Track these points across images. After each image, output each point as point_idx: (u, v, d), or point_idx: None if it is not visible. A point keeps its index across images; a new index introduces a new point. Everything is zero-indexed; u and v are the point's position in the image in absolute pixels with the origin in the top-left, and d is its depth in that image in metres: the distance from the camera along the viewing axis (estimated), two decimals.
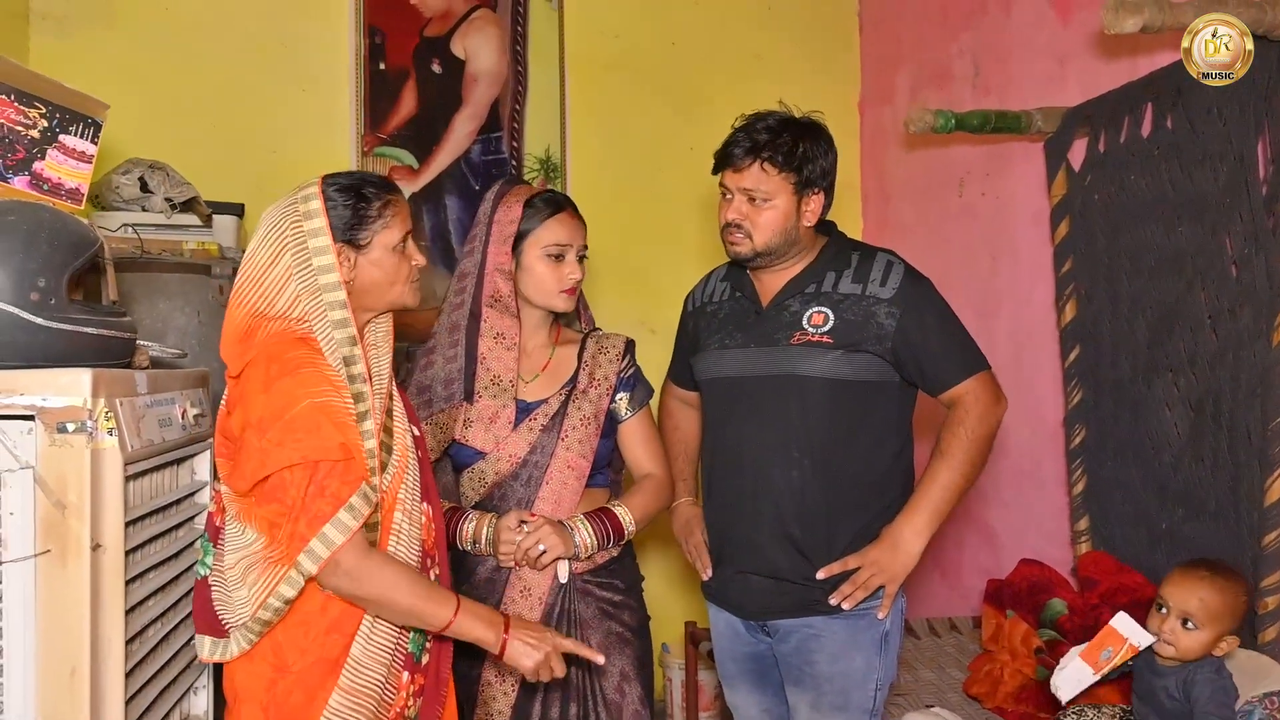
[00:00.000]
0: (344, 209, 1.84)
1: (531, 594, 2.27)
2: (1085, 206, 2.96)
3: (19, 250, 1.68)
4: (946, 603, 3.71)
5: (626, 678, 2.30)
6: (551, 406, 2.33)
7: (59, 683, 1.61)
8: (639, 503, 2.35)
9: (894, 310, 2.20)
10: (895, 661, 2.31)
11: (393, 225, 1.89)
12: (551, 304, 2.35)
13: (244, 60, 3.96)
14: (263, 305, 1.79)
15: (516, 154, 4.20)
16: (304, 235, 1.81)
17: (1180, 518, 2.62)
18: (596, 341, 2.43)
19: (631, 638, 2.34)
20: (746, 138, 2.21)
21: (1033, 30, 3.25)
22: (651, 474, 2.41)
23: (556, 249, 2.31)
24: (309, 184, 1.87)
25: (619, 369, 2.39)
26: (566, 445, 2.31)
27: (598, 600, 2.32)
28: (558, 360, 2.40)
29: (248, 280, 1.81)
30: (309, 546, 1.67)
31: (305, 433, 1.69)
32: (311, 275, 1.80)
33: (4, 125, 1.97)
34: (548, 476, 2.30)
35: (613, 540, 2.29)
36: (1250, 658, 2.24)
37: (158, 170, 3.10)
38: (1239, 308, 2.41)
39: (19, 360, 1.67)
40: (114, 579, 1.67)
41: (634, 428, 2.41)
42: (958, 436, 2.21)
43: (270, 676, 1.76)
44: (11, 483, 1.60)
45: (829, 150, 2.26)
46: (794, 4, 4.43)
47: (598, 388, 2.36)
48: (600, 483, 2.41)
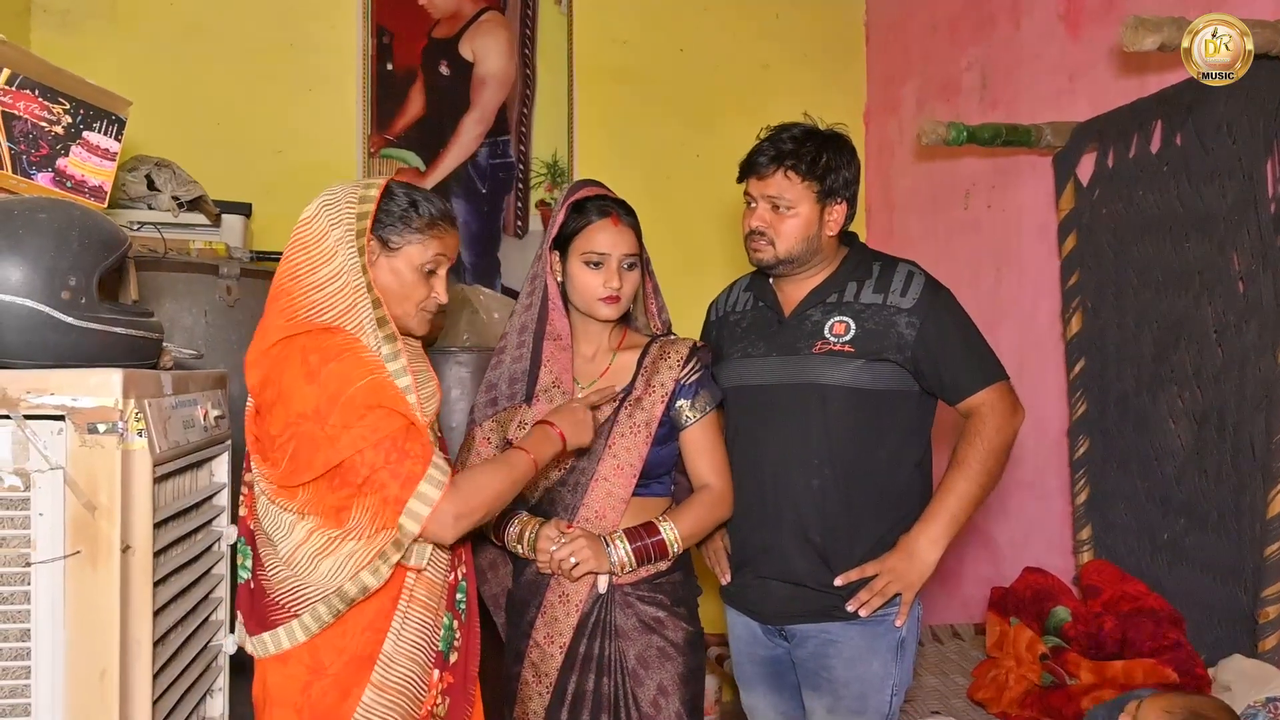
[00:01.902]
0: (395, 206, 1.87)
1: (569, 601, 2.25)
2: (1093, 220, 2.99)
3: (50, 249, 1.66)
4: (948, 610, 3.73)
5: (664, 692, 2.25)
6: (603, 413, 2.29)
7: (89, 684, 1.60)
8: (689, 517, 2.29)
9: (914, 320, 2.22)
10: (911, 667, 2.33)
11: (429, 246, 1.89)
12: (593, 311, 2.29)
13: (251, 59, 3.96)
14: (304, 271, 1.80)
15: (524, 158, 4.21)
16: (354, 208, 1.83)
17: (1182, 528, 2.65)
18: (660, 347, 2.37)
19: (674, 653, 2.27)
20: (771, 146, 2.25)
21: (1042, 44, 3.28)
22: (709, 485, 2.34)
23: (595, 256, 2.26)
24: (377, 179, 1.92)
25: (678, 375, 2.32)
26: (613, 453, 2.27)
27: (639, 613, 2.27)
28: (617, 367, 2.35)
29: (297, 246, 1.83)
30: (408, 508, 1.71)
31: (369, 409, 1.71)
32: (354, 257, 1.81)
33: (28, 121, 1.97)
34: (593, 484, 2.27)
35: (655, 557, 2.24)
36: (1253, 665, 2.28)
37: (164, 168, 3.06)
38: (1245, 323, 2.44)
39: (49, 359, 1.65)
40: (143, 580, 1.66)
41: (695, 435, 2.34)
42: (974, 447, 2.23)
43: (305, 679, 1.77)
44: (41, 483, 1.58)
45: (852, 161, 2.29)
46: (802, 15, 4.45)
47: (653, 395, 2.30)
48: (659, 491, 2.35)
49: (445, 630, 1.89)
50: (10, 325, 1.63)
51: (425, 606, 1.85)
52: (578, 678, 2.24)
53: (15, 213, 1.69)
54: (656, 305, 2.44)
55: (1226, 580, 2.48)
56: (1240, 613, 2.43)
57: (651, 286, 2.42)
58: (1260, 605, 2.33)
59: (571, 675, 2.24)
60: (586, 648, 2.24)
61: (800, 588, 2.28)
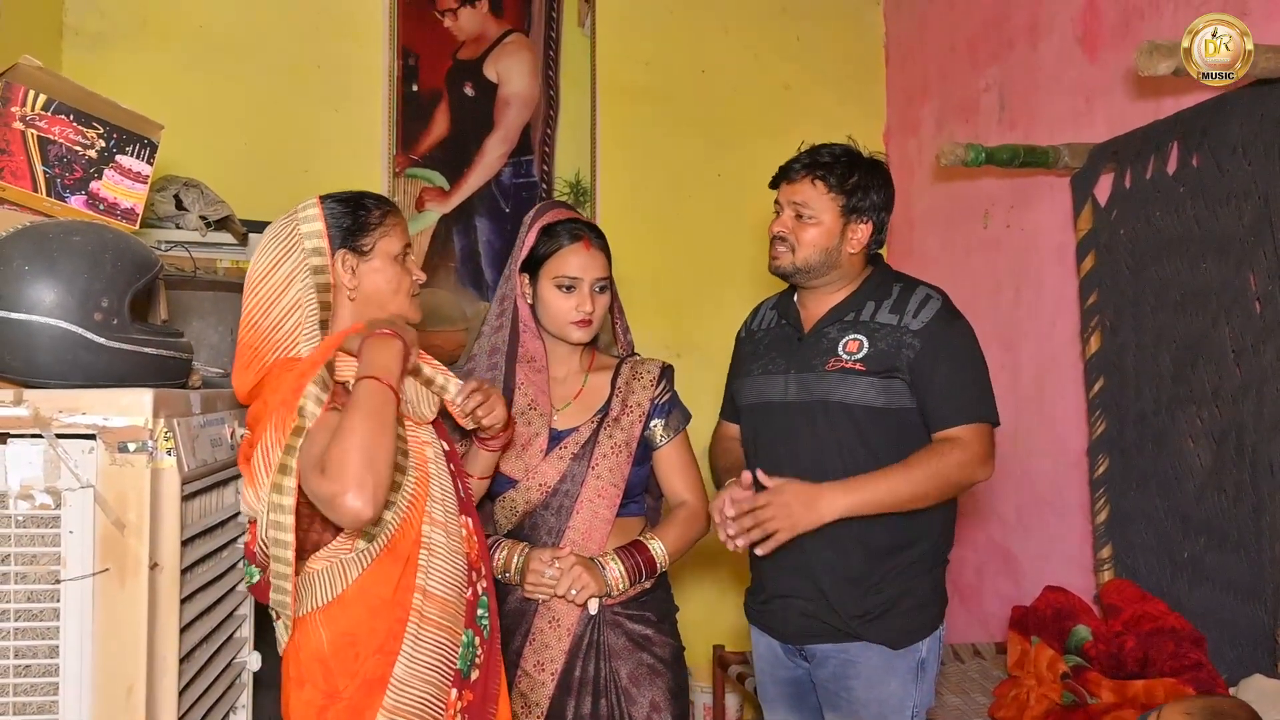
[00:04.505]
0: (344, 217, 1.93)
1: (560, 624, 2.27)
2: (1111, 241, 2.99)
3: (85, 270, 1.69)
4: (969, 628, 3.73)
5: (657, 708, 2.29)
6: (583, 435, 2.32)
7: (115, 701, 1.61)
8: (673, 534, 2.34)
9: (917, 341, 2.24)
10: (932, 688, 2.34)
11: (393, 235, 1.97)
12: (565, 335, 2.33)
13: (278, 79, 4.00)
14: (258, 316, 1.87)
15: (547, 178, 4.23)
16: (299, 238, 1.90)
17: (1202, 547, 2.65)
18: (632, 367, 2.41)
19: (663, 669, 2.32)
20: (808, 156, 2.31)
21: (1060, 66, 3.29)
22: (686, 502, 2.39)
23: (568, 280, 2.29)
24: (307, 200, 1.96)
25: (653, 395, 2.37)
26: (597, 474, 2.30)
27: (628, 632, 2.31)
28: (590, 388, 2.39)
29: (249, 291, 1.91)
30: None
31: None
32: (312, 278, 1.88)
33: (63, 145, 2.01)
34: (578, 506, 2.29)
35: (645, 575, 2.29)
36: (1274, 685, 2.28)
37: (192, 188, 3.10)
38: (1262, 344, 2.44)
39: (81, 379, 1.67)
40: (170, 598, 1.68)
41: (669, 455, 2.39)
42: (929, 462, 2.20)
43: (321, 704, 1.77)
44: (72, 501, 1.60)
45: (884, 187, 2.32)
46: (822, 36, 4.47)
47: (630, 414, 2.35)
48: (635, 511, 2.39)
49: (466, 648, 1.88)
50: (44, 346, 1.66)
51: (439, 626, 1.84)
52: (575, 702, 2.25)
53: (50, 236, 1.73)
54: (622, 326, 2.47)
55: (1247, 600, 2.47)
56: (1261, 632, 2.42)
57: (617, 308, 2.45)
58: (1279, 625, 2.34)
59: (569, 700, 2.25)
60: (581, 670, 2.26)
61: (819, 608, 2.29)
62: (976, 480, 2.25)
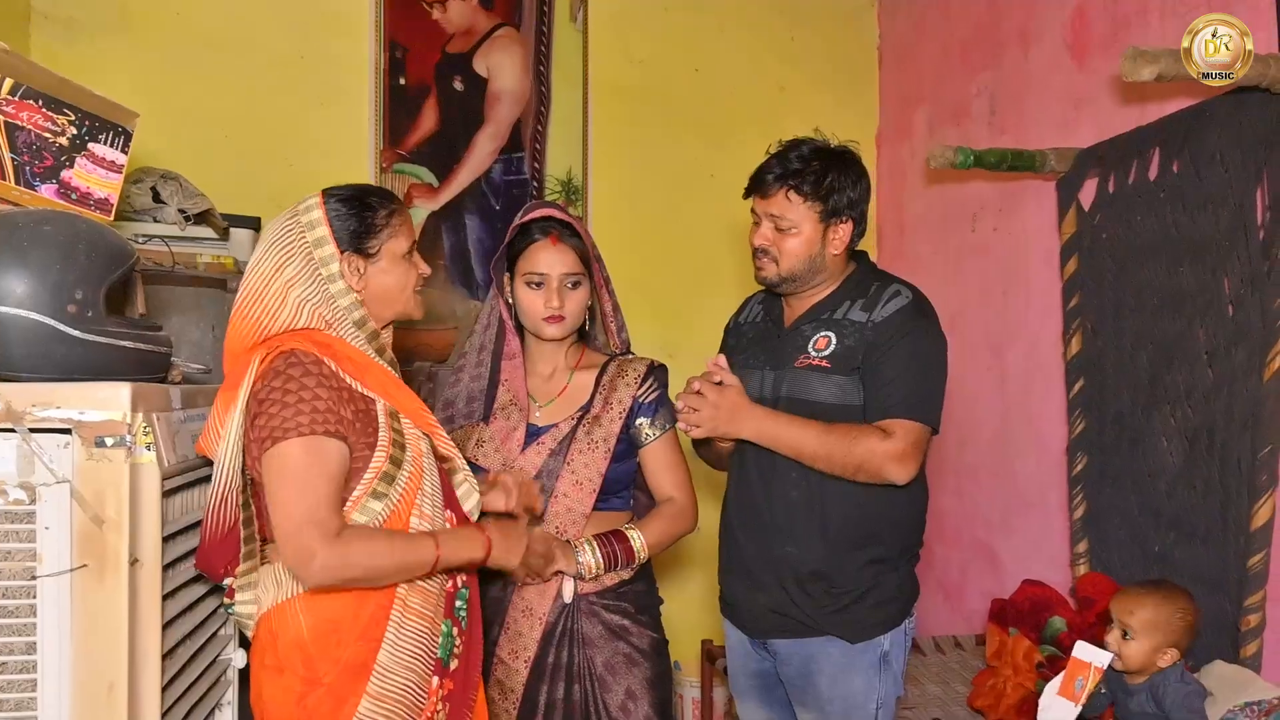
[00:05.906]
0: (350, 219, 1.89)
1: (533, 613, 2.30)
2: (1094, 244, 3.02)
3: (57, 261, 1.66)
4: (951, 621, 3.77)
5: (633, 696, 2.30)
6: (561, 431, 2.35)
7: (96, 698, 1.60)
8: (655, 528, 2.35)
9: (872, 334, 2.22)
10: (898, 679, 2.32)
11: (400, 234, 1.94)
12: (539, 331, 2.35)
13: (260, 70, 3.92)
14: (265, 319, 1.84)
15: (538, 175, 4.20)
16: (308, 245, 1.86)
17: (1173, 541, 2.70)
18: (618, 365, 2.43)
19: (641, 658, 2.33)
20: (778, 164, 2.27)
21: (1049, 73, 3.30)
22: (672, 499, 2.40)
23: (536, 277, 2.32)
24: (309, 197, 1.92)
25: (636, 393, 2.38)
26: (571, 469, 2.32)
27: (604, 621, 2.33)
28: (575, 385, 2.41)
29: (250, 294, 1.85)
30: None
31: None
32: (320, 285, 1.86)
33: (32, 131, 1.93)
34: (551, 501, 2.31)
35: (622, 563, 2.30)
36: (1234, 670, 2.34)
37: (170, 180, 2.95)
38: (1234, 346, 2.48)
39: (55, 373, 1.64)
40: (151, 594, 1.67)
41: (656, 452, 2.40)
42: (847, 435, 2.16)
43: (300, 690, 1.76)
44: (47, 497, 1.58)
45: (859, 180, 2.29)
46: (817, 38, 4.46)
47: (610, 412, 2.36)
48: (619, 506, 2.40)
49: (444, 638, 1.88)
50: (15, 338, 1.63)
51: (421, 615, 1.85)
52: (548, 688, 2.28)
53: (20, 225, 1.69)
54: (616, 324, 2.47)
55: (1213, 591, 2.51)
56: (1225, 621, 2.46)
57: (611, 305, 2.46)
58: (1243, 613, 2.39)
59: (542, 685, 2.28)
60: (555, 657, 2.28)
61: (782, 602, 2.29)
62: (888, 477, 2.16)
